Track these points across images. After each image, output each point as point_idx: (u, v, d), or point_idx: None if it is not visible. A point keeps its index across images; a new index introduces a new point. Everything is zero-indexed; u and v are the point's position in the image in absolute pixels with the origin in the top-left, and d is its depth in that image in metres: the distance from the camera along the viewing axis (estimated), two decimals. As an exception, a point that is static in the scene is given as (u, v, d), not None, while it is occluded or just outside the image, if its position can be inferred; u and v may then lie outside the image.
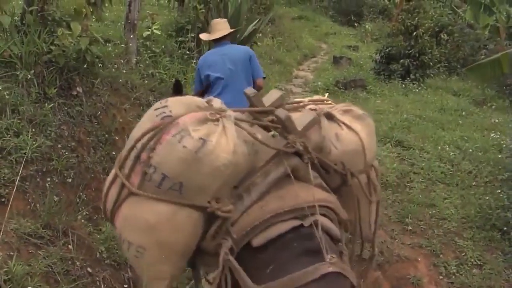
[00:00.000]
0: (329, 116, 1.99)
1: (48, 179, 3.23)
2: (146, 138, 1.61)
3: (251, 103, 1.91)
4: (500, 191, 4.63)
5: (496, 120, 7.33)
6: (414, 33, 9.91)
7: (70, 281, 2.74)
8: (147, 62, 5.89)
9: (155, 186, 1.59)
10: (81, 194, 3.45)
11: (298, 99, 2.34)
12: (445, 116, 7.45)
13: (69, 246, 2.96)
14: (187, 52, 6.78)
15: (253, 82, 3.88)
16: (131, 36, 5.75)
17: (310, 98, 2.27)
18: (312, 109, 2.04)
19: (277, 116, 1.79)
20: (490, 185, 4.89)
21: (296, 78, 10.50)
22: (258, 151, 1.76)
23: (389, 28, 12.15)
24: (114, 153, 3.93)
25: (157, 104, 1.75)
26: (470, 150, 5.65)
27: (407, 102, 8.20)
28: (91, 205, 3.44)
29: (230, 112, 1.70)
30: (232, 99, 3.06)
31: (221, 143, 1.58)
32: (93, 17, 4.57)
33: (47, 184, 3.19)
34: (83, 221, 3.28)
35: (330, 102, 2.20)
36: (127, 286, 3.16)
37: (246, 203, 1.68)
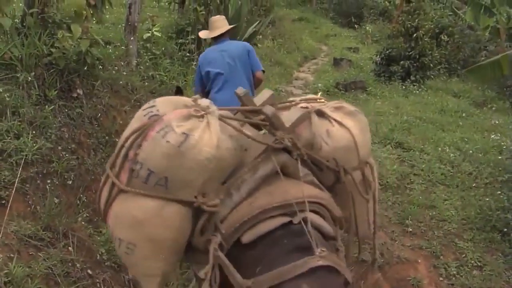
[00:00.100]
0: (320, 113, 1.99)
1: (49, 181, 3.24)
2: (133, 136, 1.65)
3: (242, 102, 1.91)
4: (500, 192, 4.62)
5: (497, 122, 7.33)
6: (415, 35, 9.93)
7: (70, 283, 2.75)
8: (147, 64, 5.90)
9: (142, 182, 1.62)
10: (82, 196, 3.46)
11: (291, 98, 2.33)
12: (446, 117, 7.45)
13: (70, 248, 2.96)
14: (188, 54, 6.77)
15: (252, 76, 3.91)
16: (132, 38, 5.76)
17: (303, 97, 2.26)
18: (304, 107, 2.03)
19: (263, 113, 1.80)
20: (490, 186, 4.89)
21: (296, 80, 10.47)
22: (248, 148, 1.77)
23: (389, 29, 12.13)
24: (114, 155, 3.93)
25: (145, 105, 1.78)
26: (471, 151, 5.65)
27: (407, 103, 8.20)
28: (92, 207, 3.44)
29: (214, 108, 1.72)
30: (233, 94, 3.06)
31: (204, 137, 1.60)
32: (94, 19, 4.57)
33: (47, 186, 3.20)
34: (83, 223, 3.29)
35: (323, 100, 2.18)
36: (127, 288, 3.16)
37: (235, 199, 1.69)
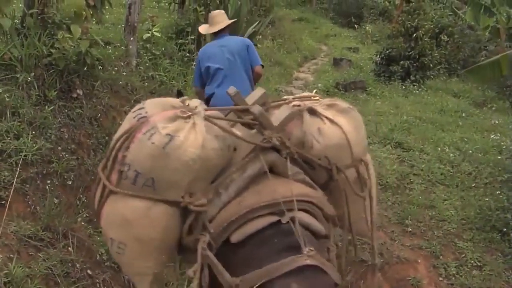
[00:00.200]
0: (312, 111, 1.97)
1: (48, 181, 3.24)
2: (122, 139, 1.67)
3: (234, 102, 1.92)
4: (500, 192, 4.63)
5: (496, 122, 7.33)
6: (414, 35, 9.92)
7: (70, 283, 2.75)
8: (147, 64, 5.90)
9: (131, 183, 1.64)
10: (81, 196, 3.46)
11: (285, 96, 2.30)
12: (445, 117, 7.46)
13: (69, 248, 2.97)
14: (187, 54, 6.77)
15: (252, 71, 3.91)
16: (131, 38, 5.76)
17: (296, 95, 2.24)
18: (296, 105, 2.01)
19: (251, 112, 1.79)
20: (490, 186, 4.90)
21: (296, 80, 10.46)
22: (237, 147, 1.78)
23: (389, 29, 12.12)
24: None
25: (135, 107, 1.80)
26: (470, 151, 5.66)
27: (407, 103, 8.20)
28: (91, 208, 3.44)
29: (201, 109, 1.72)
30: None
31: (189, 138, 1.62)
32: (93, 19, 4.58)
33: (47, 186, 3.20)
34: (83, 223, 3.29)
35: (317, 98, 2.15)
36: (126, 288, 3.17)
37: (224, 199, 1.70)
